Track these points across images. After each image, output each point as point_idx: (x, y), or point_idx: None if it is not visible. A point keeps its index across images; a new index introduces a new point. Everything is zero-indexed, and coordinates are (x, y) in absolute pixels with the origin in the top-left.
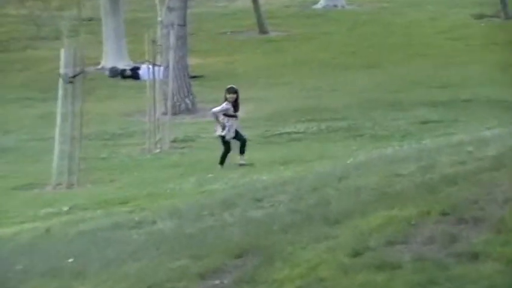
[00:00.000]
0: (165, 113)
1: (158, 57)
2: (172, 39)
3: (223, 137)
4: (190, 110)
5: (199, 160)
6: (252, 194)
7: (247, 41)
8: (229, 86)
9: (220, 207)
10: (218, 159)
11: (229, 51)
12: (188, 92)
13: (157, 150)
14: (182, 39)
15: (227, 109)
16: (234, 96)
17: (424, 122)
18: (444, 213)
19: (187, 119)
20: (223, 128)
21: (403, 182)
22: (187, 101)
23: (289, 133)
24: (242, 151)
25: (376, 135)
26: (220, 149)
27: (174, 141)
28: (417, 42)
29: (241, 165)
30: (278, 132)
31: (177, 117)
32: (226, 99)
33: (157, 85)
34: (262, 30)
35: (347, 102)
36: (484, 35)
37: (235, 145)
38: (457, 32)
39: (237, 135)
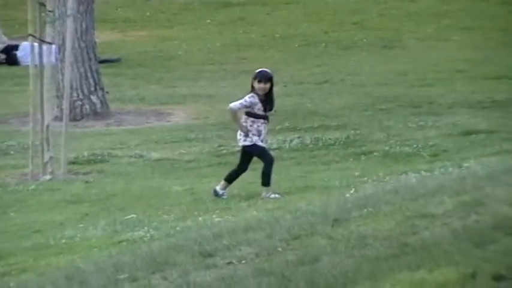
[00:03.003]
0: (59, 118)
1: (48, 30)
2: (70, 2)
3: (249, 147)
4: (99, 114)
5: (113, 193)
6: (198, 245)
7: (190, 5)
8: (259, 70)
9: (146, 267)
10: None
11: (163, 22)
12: (96, 85)
13: (47, 177)
14: (87, 1)
15: (252, 104)
16: (267, 86)
17: (468, 133)
18: (498, 277)
19: (95, 127)
20: (247, 135)
21: (434, 228)
22: (94, 99)
23: None
24: (266, 181)
25: (391, 154)
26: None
27: (73, 162)
28: (455, 9)
29: (265, 198)
30: (239, 148)
31: (79, 124)
32: (252, 90)
33: (46, 74)
34: None
35: (346, 102)
36: None
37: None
38: None
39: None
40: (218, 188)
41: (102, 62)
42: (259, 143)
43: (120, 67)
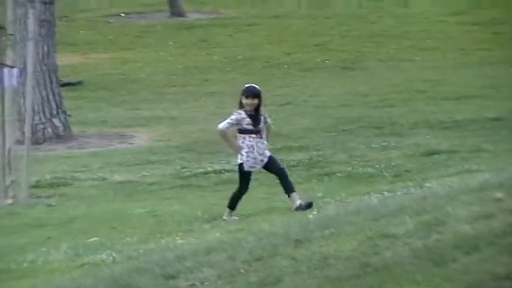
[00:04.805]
0: (21, 142)
1: (9, 53)
2: (32, 25)
3: (240, 166)
4: (61, 137)
5: (76, 216)
6: (161, 268)
7: (152, 27)
8: (247, 86)
9: None
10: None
11: (125, 45)
12: (58, 108)
13: (9, 201)
14: (48, 25)
15: (239, 121)
16: (255, 102)
17: (429, 154)
18: None
19: (57, 150)
20: (241, 154)
21: (396, 248)
22: (56, 122)
23: (218, 172)
24: (287, 188)
25: (353, 175)
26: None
27: (35, 186)
28: (416, 30)
29: (298, 209)
30: (202, 170)
31: (41, 147)
32: (240, 106)
33: (8, 97)
34: (177, 12)
35: (309, 123)
36: None
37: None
38: (477, 15)
39: (270, 164)
40: (225, 217)
41: (64, 85)
42: (248, 167)
43: (82, 90)
